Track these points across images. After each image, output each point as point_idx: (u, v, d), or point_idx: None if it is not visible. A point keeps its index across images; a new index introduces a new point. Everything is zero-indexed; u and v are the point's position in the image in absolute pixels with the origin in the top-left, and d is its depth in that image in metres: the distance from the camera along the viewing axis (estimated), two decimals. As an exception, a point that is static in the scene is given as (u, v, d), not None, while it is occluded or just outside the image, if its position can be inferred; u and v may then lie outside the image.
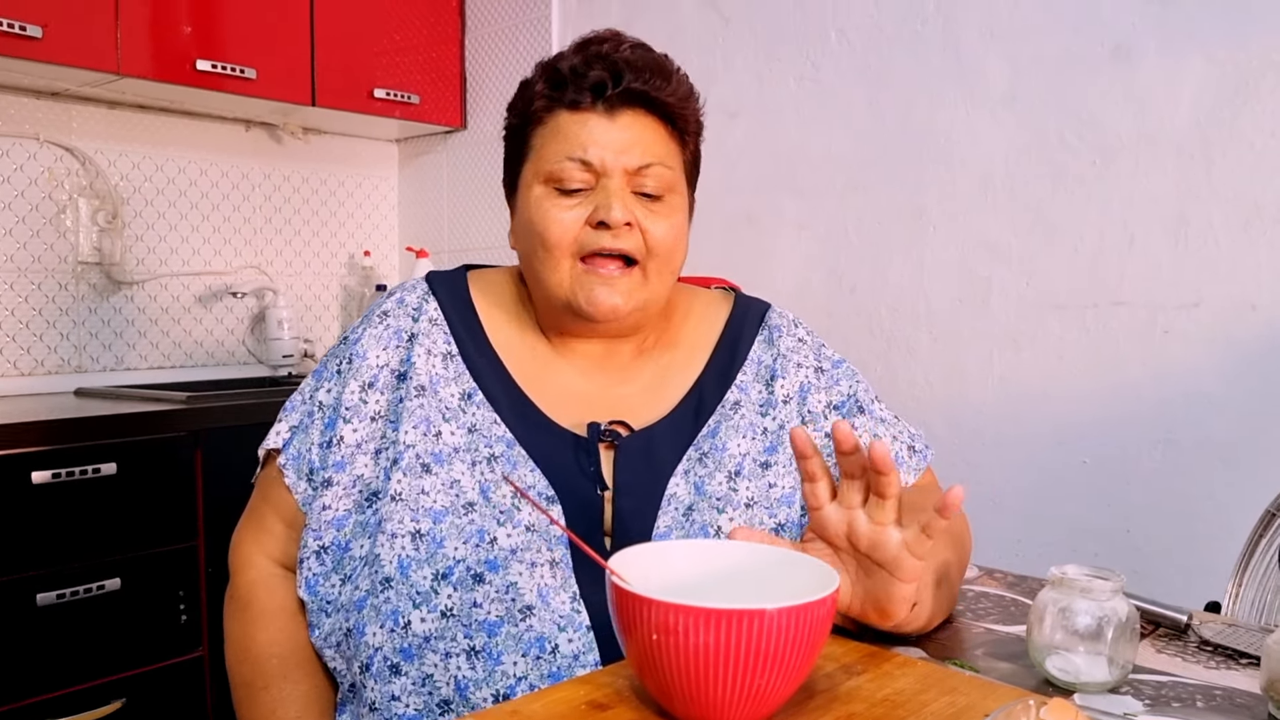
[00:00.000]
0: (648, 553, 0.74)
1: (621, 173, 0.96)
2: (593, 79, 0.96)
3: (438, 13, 2.84)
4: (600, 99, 0.96)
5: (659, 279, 0.99)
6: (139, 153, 2.56)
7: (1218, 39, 1.68)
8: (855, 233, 2.15)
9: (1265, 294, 1.65)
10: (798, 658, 0.63)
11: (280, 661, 0.97)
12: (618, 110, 0.97)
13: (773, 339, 1.09)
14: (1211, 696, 0.77)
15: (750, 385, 1.05)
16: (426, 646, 0.88)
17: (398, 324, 1.02)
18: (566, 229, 0.96)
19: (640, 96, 0.97)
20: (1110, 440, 1.80)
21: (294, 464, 1.00)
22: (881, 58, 2.10)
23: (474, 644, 0.88)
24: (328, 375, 1.03)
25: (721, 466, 0.99)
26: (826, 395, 1.06)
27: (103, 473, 1.91)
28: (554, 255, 0.96)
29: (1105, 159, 1.81)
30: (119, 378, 2.51)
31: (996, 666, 0.82)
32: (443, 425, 0.96)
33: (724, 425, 1.02)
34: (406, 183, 3.13)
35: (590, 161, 0.95)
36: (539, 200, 0.97)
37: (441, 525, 0.91)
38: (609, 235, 0.95)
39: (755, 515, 0.98)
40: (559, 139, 0.97)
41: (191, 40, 2.30)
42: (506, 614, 0.88)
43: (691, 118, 1.02)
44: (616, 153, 0.96)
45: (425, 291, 1.05)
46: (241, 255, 2.77)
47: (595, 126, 0.96)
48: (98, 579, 1.91)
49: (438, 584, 0.90)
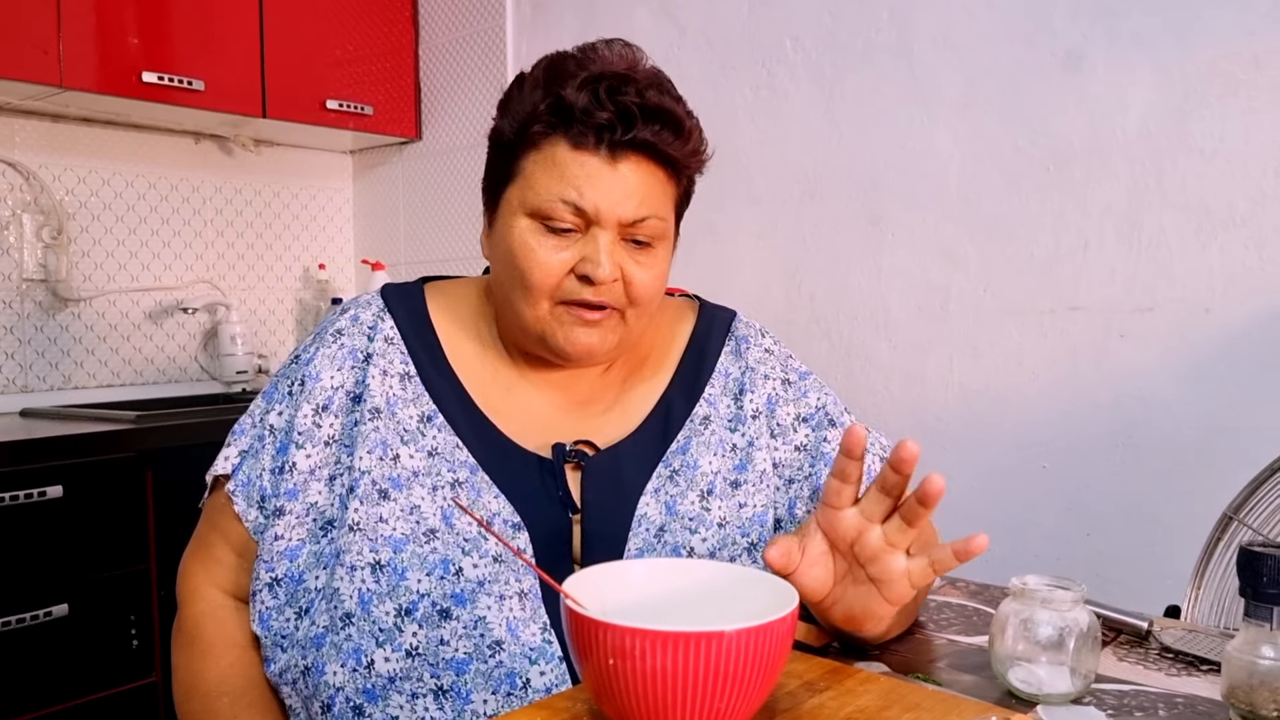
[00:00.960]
0: (605, 574, 0.72)
1: (616, 224, 0.91)
2: (601, 120, 0.89)
3: (391, 23, 2.81)
4: (604, 141, 0.90)
5: (637, 322, 0.96)
6: (84, 167, 2.51)
7: (1165, 48, 1.70)
8: (813, 241, 2.16)
9: (1217, 297, 1.67)
10: (758, 678, 0.61)
11: (231, 700, 0.93)
12: (621, 156, 0.90)
13: (740, 350, 1.06)
14: (1173, 704, 0.76)
15: (719, 399, 1.02)
16: (391, 687, 0.85)
17: (352, 343, 0.97)
18: (550, 274, 0.91)
19: (647, 146, 0.91)
20: (1069, 445, 1.82)
21: (244, 491, 0.95)
22: (836, 67, 2.11)
23: (441, 683, 0.84)
24: (278, 397, 0.98)
25: (694, 485, 0.96)
26: (795, 408, 1.03)
27: (49, 496, 1.85)
28: (533, 295, 0.92)
29: (1059, 166, 1.82)
30: (66, 397, 2.45)
31: (959, 679, 0.81)
32: (401, 448, 0.92)
33: (695, 441, 0.99)
34: (361, 195, 3.10)
35: (584, 207, 0.90)
36: (523, 235, 0.92)
37: (403, 554, 0.87)
38: (591, 290, 0.91)
39: (728, 534, 0.95)
40: (553, 175, 0.90)
41: (137, 51, 2.25)
42: (475, 650, 0.85)
43: (695, 166, 0.98)
44: (613, 203, 0.90)
45: (380, 308, 1.00)
46: (193, 270, 2.72)
47: (595, 171, 0.90)
48: (45, 605, 1.85)
49: (401, 620, 0.86)
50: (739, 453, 1.00)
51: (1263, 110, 1.61)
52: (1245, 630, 0.71)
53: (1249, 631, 0.71)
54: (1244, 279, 1.64)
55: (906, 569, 0.75)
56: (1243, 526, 1.13)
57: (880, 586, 0.76)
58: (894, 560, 0.75)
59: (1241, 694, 0.71)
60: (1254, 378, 1.63)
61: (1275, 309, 1.62)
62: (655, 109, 0.91)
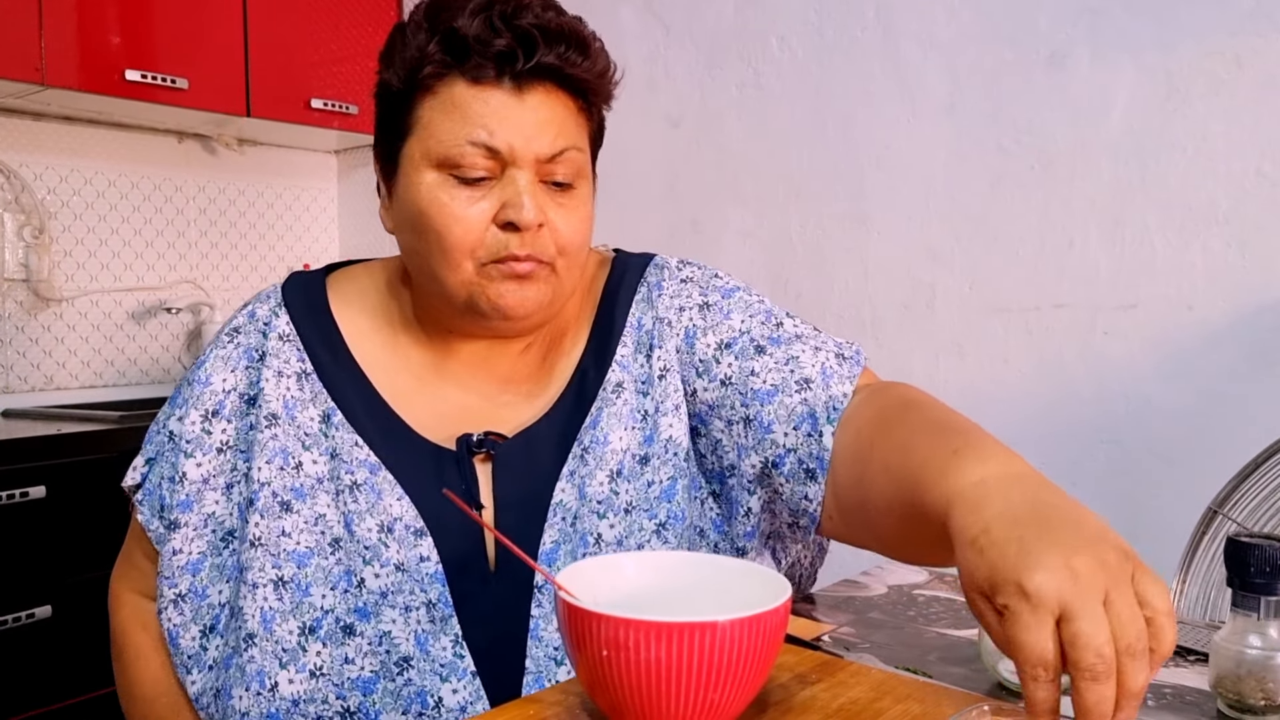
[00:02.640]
0: (596, 566, 0.72)
1: (532, 162, 0.82)
2: (499, 48, 0.80)
3: (375, 22, 2.80)
4: (507, 73, 0.81)
5: (568, 275, 0.87)
6: (66, 165, 2.49)
7: (1148, 47, 1.71)
8: (799, 239, 2.16)
9: (1200, 294, 1.68)
10: (751, 670, 0.61)
11: (171, 699, 0.89)
12: (527, 86, 0.82)
13: (652, 298, 0.94)
14: (1161, 695, 0.77)
15: (630, 360, 0.91)
16: (295, 710, 0.80)
17: (248, 341, 0.90)
18: (469, 229, 0.82)
19: (554, 72, 0.83)
20: (1055, 442, 1.82)
21: (148, 500, 0.89)
22: (822, 65, 2.11)
23: (348, 705, 0.79)
24: (179, 402, 0.91)
25: (603, 464, 0.87)
26: (715, 335, 0.91)
27: (32, 496, 1.84)
28: (453, 257, 0.83)
29: (1043, 164, 1.83)
30: (48, 398, 2.43)
31: (950, 671, 0.81)
32: (303, 455, 0.86)
33: (605, 412, 0.89)
34: (346, 194, 3.09)
35: (496, 148, 0.81)
36: (432, 190, 0.83)
37: (306, 569, 0.82)
38: (518, 239, 0.82)
39: (635, 520, 0.87)
40: (456, 117, 0.82)
41: (120, 50, 2.24)
42: (381, 668, 0.80)
43: (606, 92, 0.89)
44: (527, 138, 0.82)
45: (278, 303, 0.92)
46: (176, 270, 2.71)
47: (500, 105, 0.81)
48: (28, 607, 1.84)
49: (305, 639, 0.81)
50: (648, 421, 0.90)
51: (1244, 109, 1.63)
52: (1233, 620, 0.72)
53: (1236, 621, 0.72)
54: (1226, 276, 1.66)
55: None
56: (1227, 520, 1.14)
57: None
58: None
59: (1229, 683, 0.72)
60: (1236, 373, 1.65)
61: (1257, 306, 1.63)
62: (557, 30, 0.83)
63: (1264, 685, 0.70)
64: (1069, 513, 0.60)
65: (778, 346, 0.90)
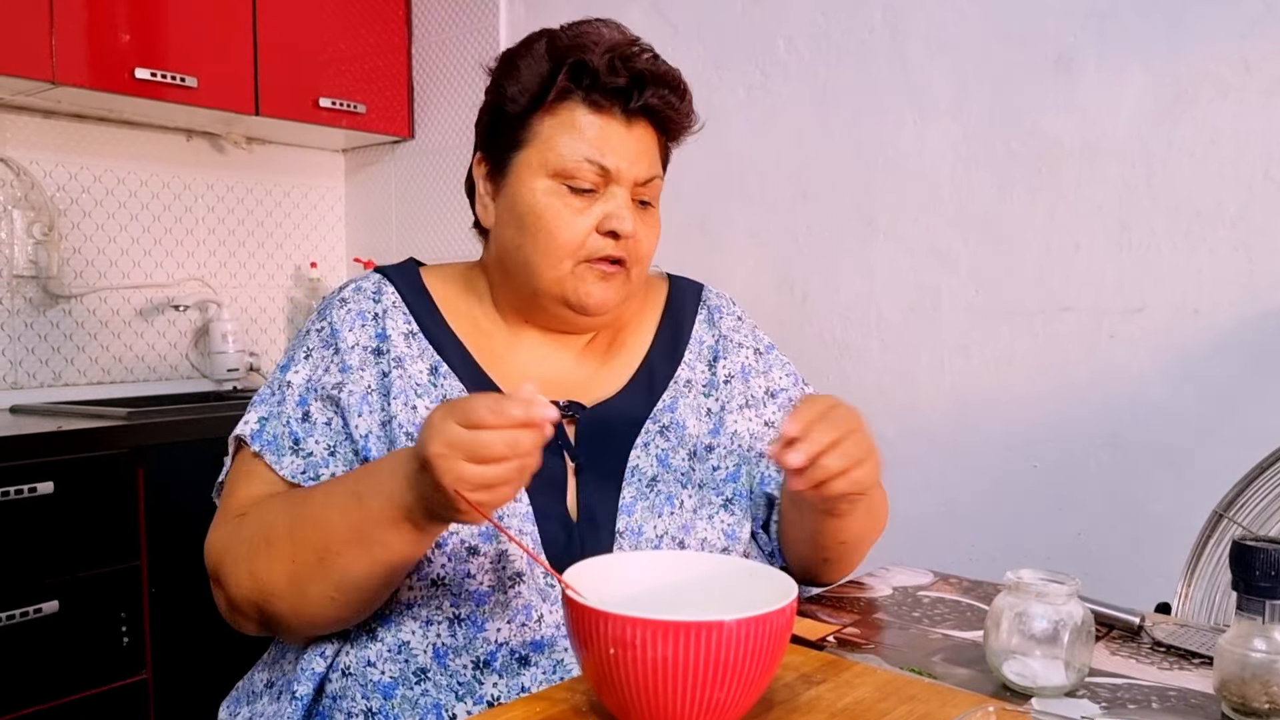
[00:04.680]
0: (604, 565, 0.72)
1: (631, 183, 0.99)
2: (619, 85, 0.97)
3: (384, 21, 2.81)
4: (620, 106, 0.98)
5: (639, 279, 1.04)
6: (76, 163, 2.50)
7: (1156, 51, 1.71)
8: (806, 241, 2.16)
9: (1206, 299, 1.68)
10: (757, 669, 0.62)
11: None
12: (634, 120, 0.99)
13: (713, 319, 1.13)
14: (1166, 697, 0.77)
15: (695, 364, 1.09)
16: (408, 613, 0.90)
17: (359, 306, 1.02)
18: (576, 232, 0.97)
19: (655, 111, 1.00)
20: (1060, 444, 1.82)
21: (271, 447, 0.95)
22: (829, 67, 2.11)
23: (460, 611, 0.89)
24: (298, 363, 1.00)
25: (684, 443, 1.02)
26: (765, 380, 1.10)
27: (39, 492, 1.84)
28: (554, 253, 0.97)
29: (1050, 168, 1.83)
30: (57, 394, 2.44)
31: (954, 673, 0.82)
32: (417, 400, 0.96)
33: (681, 402, 1.05)
34: (353, 193, 3.09)
35: (607, 167, 0.97)
36: (548, 194, 0.98)
37: None
38: (614, 245, 0.98)
39: (705, 495, 1.00)
40: (575, 136, 0.97)
41: (130, 48, 2.24)
42: (497, 583, 0.90)
43: (687, 131, 1.06)
44: (630, 162, 0.98)
45: (380, 279, 1.05)
46: (184, 267, 2.71)
47: (614, 132, 0.98)
48: (35, 602, 1.84)
49: (432, 552, 0.90)
50: (713, 417, 1.05)
51: (1252, 113, 1.63)
52: (1238, 624, 0.72)
53: (1241, 625, 0.72)
54: (1232, 281, 1.65)
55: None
56: (1233, 524, 1.14)
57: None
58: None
59: (1233, 687, 0.72)
60: (1242, 378, 1.64)
61: (1263, 310, 1.63)
62: (663, 75, 1.00)
63: (1269, 688, 0.70)
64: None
65: None
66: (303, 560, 0.85)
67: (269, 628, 0.92)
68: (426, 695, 0.87)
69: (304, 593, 0.85)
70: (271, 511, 0.90)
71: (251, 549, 0.88)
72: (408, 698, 0.87)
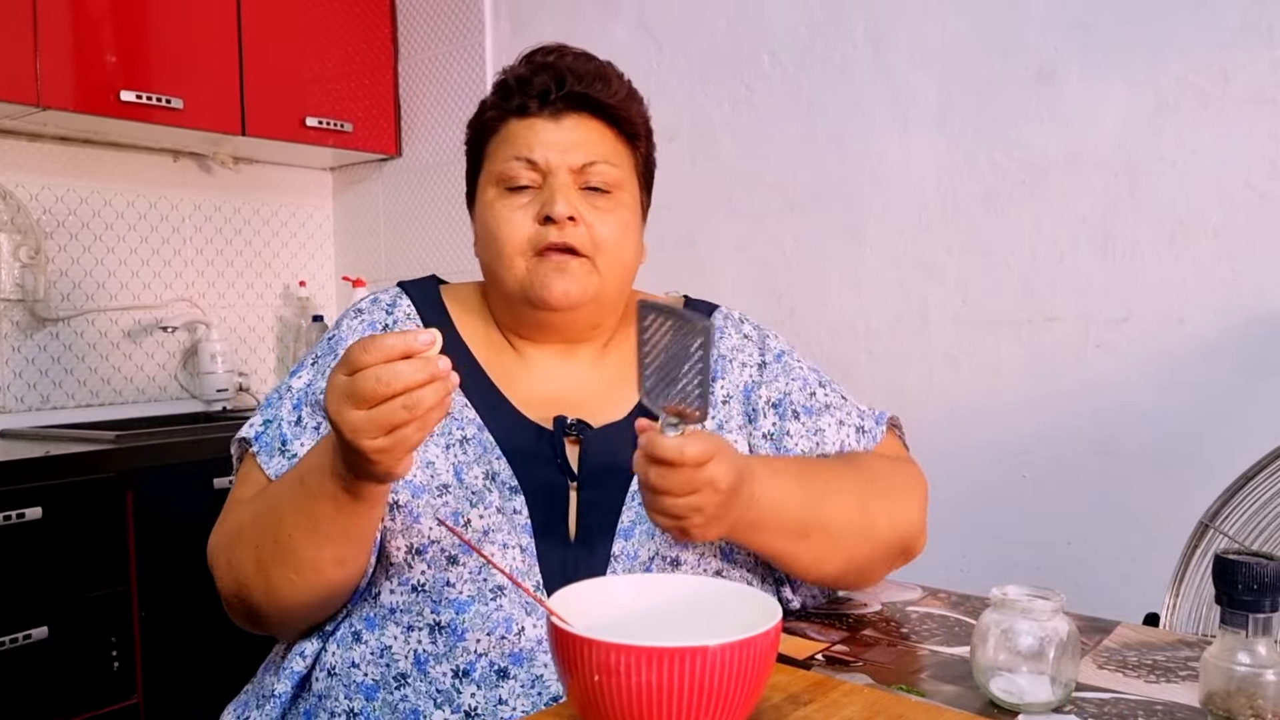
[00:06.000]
0: (590, 590, 0.72)
1: (566, 170, 0.99)
2: (538, 85, 1.00)
3: (370, 40, 2.81)
4: (545, 104, 1.01)
5: (610, 273, 1.02)
6: (62, 185, 2.50)
7: (1137, 63, 1.73)
8: (793, 254, 2.17)
9: (1190, 307, 1.69)
10: (743, 693, 0.62)
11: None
12: (563, 114, 1.01)
13: (716, 340, 1.11)
14: (1153, 711, 0.77)
15: None
16: (391, 617, 0.91)
17: (372, 317, 1.05)
18: (517, 226, 0.99)
19: (583, 99, 1.01)
20: (1049, 454, 1.83)
21: (266, 449, 0.97)
22: (814, 81, 2.12)
23: (440, 619, 0.90)
24: (304, 369, 1.03)
25: None
26: (768, 391, 1.08)
27: (28, 517, 1.84)
28: (507, 253, 0.99)
29: (1034, 179, 1.84)
30: (44, 417, 2.43)
31: (942, 689, 0.82)
32: None
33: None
34: (341, 211, 3.09)
35: (535, 160, 0.99)
36: (491, 202, 1.01)
37: (419, 501, 0.92)
38: (555, 230, 0.98)
39: None
40: (508, 143, 1.01)
41: (116, 70, 2.25)
42: (478, 594, 0.90)
43: (638, 120, 1.05)
44: (561, 151, 1.00)
45: (398, 292, 1.08)
46: (172, 288, 2.71)
47: (541, 129, 1.00)
48: (25, 628, 1.83)
49: (412, 558, 0.91)
50: None
51: (1232, 123, 1.64)
52: (1222, 637, 0.72)
53: (1225, 638, 0.72)
54: (1216, 289, 1.66)
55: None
56: (1219, 534, 1.15)
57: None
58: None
59: (1219, 700, 0.72)
60: (1227, 386, 1.65)
61: (1248, 318, 1.64)
62: (585, 69, 1.02)
63: (1254, 702, 0.71)
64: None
65: (810, 416, 1.07)
66: (264, 546, 0.88)
67: (252, 620, 0.94)
68: (405, 700, 0.88)
69: (269, 579, 0.88)
70: (246, 506, 0.93)
71: (229, 543, 0.93)
72: (388, 701, 0.88)
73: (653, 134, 1.09)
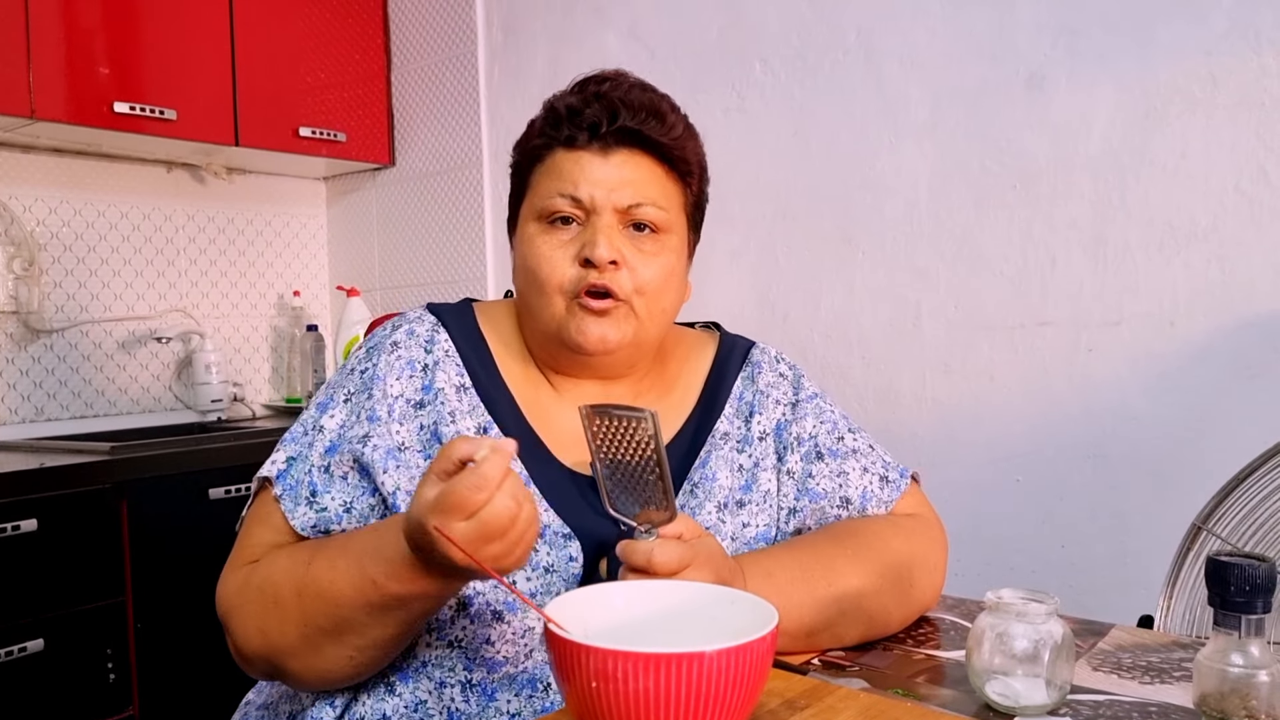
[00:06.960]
0: (586, 597, 0.73)
1: (611, 210, 0.96)
2: (588, 117, 0.96)
3: (363, 49, 2.82)
4: (595, 138, 0.96)
5: (649, 318, 0.98)
6: (56, 197, 2.50)
7: (1126, 68, 1.74)
8: (786, 260, 2.18)
9: (1181, 311, 1.70)
10: (739, 698, 0.62)
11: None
12: (612, 149, 0.97)
13: (754, 376, 1.09)
14: (1147, 713, 0.78)
15: (732, 419, 1.06)
16: (423, 671, 0.89)
17: (409, 355, 0.99)
18: (556, 266, 0.96)
19: (634, 135, 0.96)
20: (1042, 458, 1.84)
21: (291, 494, 0.93)
22: (805, 88, 2.13)
23: (472, 677, 0.88)
24: (334, 406, 0.98)
25: (711, 496, 0.99)
26: (795, 430, 1.07)
27: (23, 530, 1.84)
28: (546, 292, 0.96)
29: (1025, 184, 1.85)
30: (39, 429, 2.43)
31: (938, 693, 0.82)
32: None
33: (714, 455, 1.02)
34: (335, 221, 3.10)
35: (580, 198, 0.95)
36: (531, 237, 0.98)
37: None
38: (595, 273, 0.94)
39: (734, 549, 0.98)
40: (553, 176, 0.97)
41: (109, 82, 2.25)
42: (515, 655, 0.89)
43: (691, 158, 1.01)
44: (608, 190, 0.95)
45: (435, 323, 1.03)
46: (166, 299, 2.71)
47: (589, 164, 0.96)
48: (20, 641, 1.83)
49: (456, 613, 0.89)
50: (744, 473, 1.03)
51: (1221, 127, 1.65)
52: (1215, 639, 0.73)
53: (1219, 640, 0.73)
54: (1207, 292, 1.67)
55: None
56: (1212, 536, 1.15)
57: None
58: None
59: (1213, 701, 0.72)
60: (1219, 389, 1.66)
61: (1239, 321, 1.65)
62: (640, 102, 0.97)
63: (1247, 703, 0.71)
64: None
65: (835, 459, 1.06)
66: (316, 625, 0.84)
67: (276, 678, 0.91)
68: None
69: (319, 652, 0.84)
70: (278, 569, 0.88)
71: (261, 607, 0.87)
72: None
73: (706, 169, 1.06)
